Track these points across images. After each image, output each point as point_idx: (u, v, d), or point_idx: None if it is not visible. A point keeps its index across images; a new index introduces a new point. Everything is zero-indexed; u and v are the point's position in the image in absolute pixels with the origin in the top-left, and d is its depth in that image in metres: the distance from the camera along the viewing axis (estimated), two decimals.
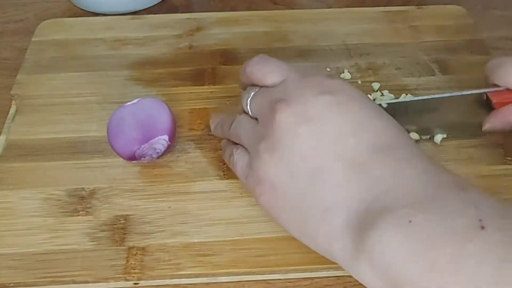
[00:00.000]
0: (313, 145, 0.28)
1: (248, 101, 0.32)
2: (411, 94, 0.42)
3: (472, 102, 0.37)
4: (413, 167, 0.26)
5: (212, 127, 0.37)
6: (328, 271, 0.32)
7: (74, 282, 0.32)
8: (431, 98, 0.37)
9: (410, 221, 0.24)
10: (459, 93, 0.37)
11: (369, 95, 0.42)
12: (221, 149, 0.38)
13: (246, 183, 0.31)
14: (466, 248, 0.22)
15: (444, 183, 0.26)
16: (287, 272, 0.32)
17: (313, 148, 0.28)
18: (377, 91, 0.42)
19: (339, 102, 0.28)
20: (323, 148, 0.27)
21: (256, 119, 0.32)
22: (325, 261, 0.32)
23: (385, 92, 0.42)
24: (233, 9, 0.53)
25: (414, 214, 0.24)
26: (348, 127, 0.28)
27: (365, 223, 0.25)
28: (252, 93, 0.32)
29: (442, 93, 0.38)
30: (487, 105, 0.36)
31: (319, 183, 0.27)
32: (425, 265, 0.23)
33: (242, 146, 0.33)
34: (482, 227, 0.23)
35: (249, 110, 0.32)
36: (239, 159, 0.32)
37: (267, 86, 0.32)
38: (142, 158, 0.36)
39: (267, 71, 0.32)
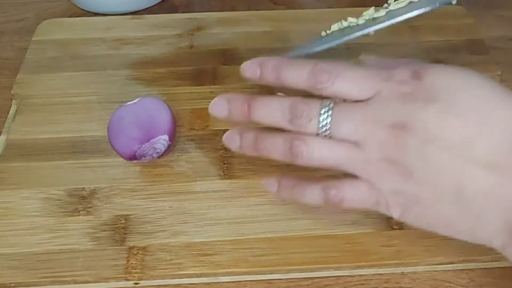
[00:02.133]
0: (448, 160, 0.26)
1: (329, 123, 0.28)
2: None
3: None
4: None
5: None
6: (328, 271, 0.32)
7: (75, 282, 0.32)
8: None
9: None
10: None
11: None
12: (221, 149, 0.38)
13: (376, 203, 0.29)
14: None
15: None
16: (288, 272, 0.32)
17: (449, 162, 0.26)
18: None
19: (451, 106, 0.26)
20: (459, 159, 0.26)
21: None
22: (325, 261, 0.32)
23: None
24: (233, 9, 0.53)
25: None
26: (471, 129, 0.26)
27: None
28: (331, 107, 0.28)
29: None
30: None
31: (467, 196, 0.26)
32: None
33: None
34: None
35: (334, 133, 0.28)
36: (360, 184, 0.28)
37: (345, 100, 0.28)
38: (143, 158, 0.36)
39: (350, 81, 0.28)
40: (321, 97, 0.29)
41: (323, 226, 0.34)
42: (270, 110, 0.30)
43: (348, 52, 0.46)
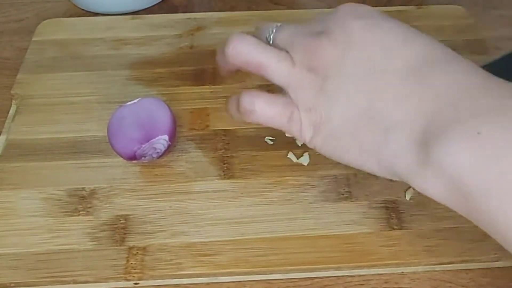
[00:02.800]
0: (363, 70, 0.27)
1: (272, 33, 0.30)
2: None
3: None
4: (473, 79, 0.25)
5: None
6: (328, 271, 0.32)
7: (75, 282, 0.32)
8: None
9: (478, 133, 0.23)
10: None
11: None
12: (221, 149, 0.38)
13: (288, 124, 0.29)
14: None
15: (507, 93, 0.24)
16: (288, 272, 0.32)
17: (367, 70, 0.27)
18: None
19: (378, 24, 0.27)
20: (377, 67, 0.27)
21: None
22: (325, 261, 0.32)
23: None
24: (233, 9, 0.53)
25: (482, 125, 0.23)
26: (397, 41, 0.27)
27: (431, 136, 0.24)
28: (274, 29, 0.30)
29: None
30: None
31: (378, 103, 0.26)
32: (496, 173, 0.22)
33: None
34: None
35: (274, 40, 0.30)
36: (274, 100, 0.29)
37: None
38: (142, 158, 0.36)
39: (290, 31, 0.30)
40: None
41: (323, 226, 0.34)
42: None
43: None
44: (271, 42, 0.30)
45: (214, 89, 0.42)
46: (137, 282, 0.32)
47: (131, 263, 0.32)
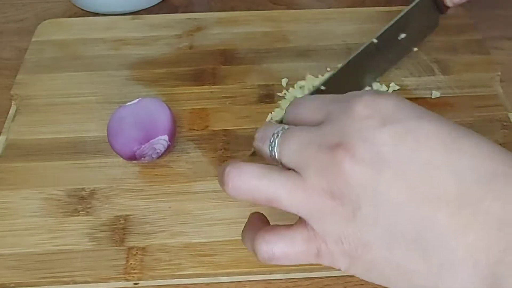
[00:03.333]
0: (404, 193, 0.22)
1: (276, 149, 0.24)
2: (411, 94, 0.42)
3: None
4: None
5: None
6: (328, 271, 0.32)
7: (74, 282, 0.32)
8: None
9: None
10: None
11: None
12: (221, 149, 0.38)
13: (318, 256, 0.24)
14: None
15: None
16: (287, 272, 0.32)
17: (406, 197, 0.22)
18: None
19: (408, 130, 0.22)
20: (417, 194, 0.21)
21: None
22: None
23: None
24: (233, 9, 0.53)
25: None
26: (434, 160, 0.22)
27: (502, 279, 0.20)
28: (278, 136, 0.25)
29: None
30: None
31: (428, 238, 0.21)
32: None
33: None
34: None
35: (280, 157, 0.24)
36: (297, 234, 0.24)
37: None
38: (142, 158, 0.36)
39: (302, 110, 0.26)
40: None
41: None
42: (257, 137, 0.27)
43: (349, 52, 0.46)
44: (276, 156, 0.24)
45: (213, 89, 0.42)
46: (137, 282, 0.32)
47: (131, 263, 0.32)
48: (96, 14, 0.51)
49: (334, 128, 0.23)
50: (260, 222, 0.26)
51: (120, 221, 0.34)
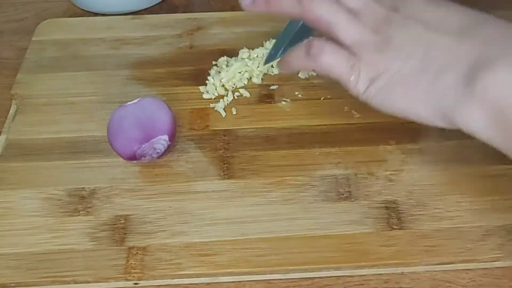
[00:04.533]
0: (422, 28, 0.30)
1: None
2: None
3: None
4: (510, 29, 0.28)
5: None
6: (328, 271, 0.32)
7: (75, 282, 0.32)
8: None
9: None
10: None
11: None
12: (221, 149, 0.38)
13: (348, 73, 0.31)
14: None
15: None
16: (288, 272, 0.32)
17: (423, 30, 0.30)
18: None
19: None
20: (431, 27, 0.29)
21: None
22: (325, 261, 0.32)
23: None
24: (233, 8, 0.52)
25: None
26: (448, 12, 0.30)
27: (477, 69, 0.27)
28: None
29: None
30: None
31: (432, 54, 0.29)
32: None
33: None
34: None
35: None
36: (338, 54, 0.31)
37: None
38: (142, 158, 0.36)
39: None
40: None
41: (323, 226, 0.34)
42: None
43: None
44: None
45: None
46: (137, 282, 0.32)
47: (131, 263, 0.32)
48: (96, 14, 0.51)
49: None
50: None
51: (120, 220, 0.34)
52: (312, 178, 0.36)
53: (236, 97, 0.42)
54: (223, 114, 0.40)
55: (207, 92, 0.42)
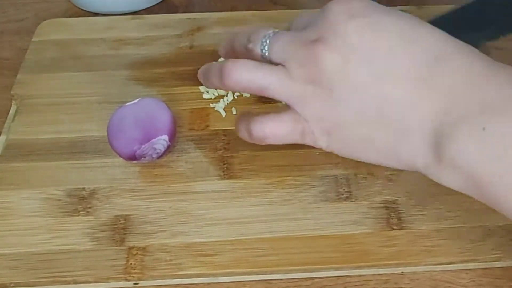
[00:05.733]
0: (368, 75, 0.26)
1: (267, 47, 0.28)
2: None
3: None
4: (477, 70, 0.26)
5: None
6: (328, 271, 0.32)
7: (75, 282, 0.32)
8: None
9: (484, 128, 0.24)
10: None
11: None
12: (221, 149, 0.38)
13: (294, 131, 0.29)
14: None
15: (509, 80, 0.25)
16: (288, 272, 0.32)
17: (370, 79, 0.26)
18: None
19: (373, 22, 0.26)
20: (382, 70, 0.26)
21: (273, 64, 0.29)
22: (326, 261, 0.32)
23: None
24: (233, 9, 0.53)
25: (487, 121, 0.24)
26: (394, 45, 0.26)
27: (443, 136, 0.25)
28: (267, 39, 0.29)
29: None
30: None
31: (389, 107, 0.26)
32: (504, 166, 0.24)
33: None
34: None
35: (269, 55, 0.29)
36: (284, 116, 0.29)
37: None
38: (142, 158, 0.36)
39: (298, 21, 0.30)
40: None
41: (323, 226, 0.34)
42: (236, 40, 0.31)
43: None
44: (266, 54, 0.29)
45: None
46: (137, 282, 0.32)
47: (131, 263, 0.32)
48: (96, 14, 0.51)
49: (314, 28, 0.28)
50: (252, 113, 0.30)
51: (120, 221, 0.34)
52: (312, 178, 0.36)
53: (236, 97, 0.42)
54: (223, 114, 0.40)
55: (207, 92, 0.42)
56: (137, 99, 0.36)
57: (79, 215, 0.34)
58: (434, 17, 0.37)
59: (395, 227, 0.34)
